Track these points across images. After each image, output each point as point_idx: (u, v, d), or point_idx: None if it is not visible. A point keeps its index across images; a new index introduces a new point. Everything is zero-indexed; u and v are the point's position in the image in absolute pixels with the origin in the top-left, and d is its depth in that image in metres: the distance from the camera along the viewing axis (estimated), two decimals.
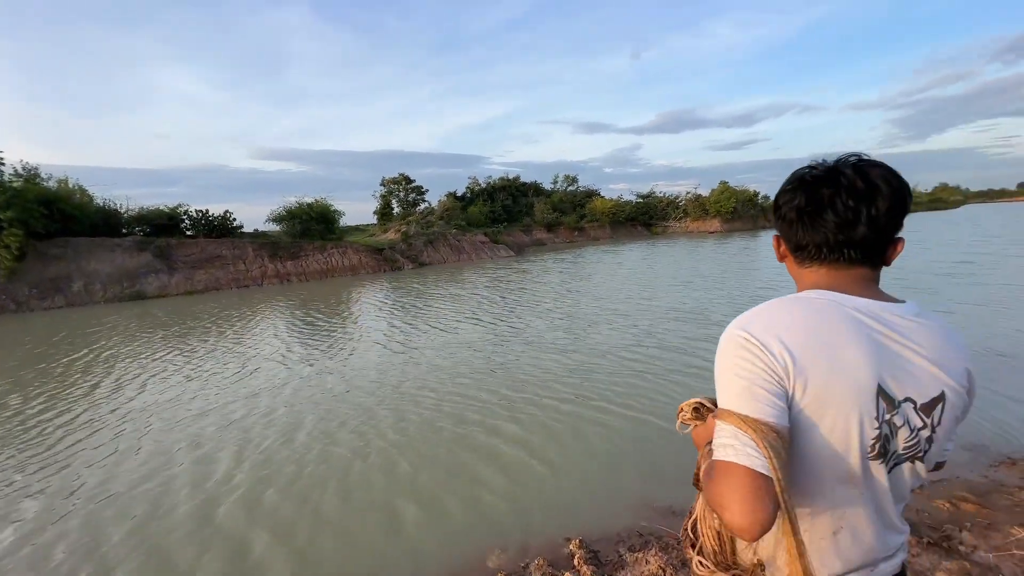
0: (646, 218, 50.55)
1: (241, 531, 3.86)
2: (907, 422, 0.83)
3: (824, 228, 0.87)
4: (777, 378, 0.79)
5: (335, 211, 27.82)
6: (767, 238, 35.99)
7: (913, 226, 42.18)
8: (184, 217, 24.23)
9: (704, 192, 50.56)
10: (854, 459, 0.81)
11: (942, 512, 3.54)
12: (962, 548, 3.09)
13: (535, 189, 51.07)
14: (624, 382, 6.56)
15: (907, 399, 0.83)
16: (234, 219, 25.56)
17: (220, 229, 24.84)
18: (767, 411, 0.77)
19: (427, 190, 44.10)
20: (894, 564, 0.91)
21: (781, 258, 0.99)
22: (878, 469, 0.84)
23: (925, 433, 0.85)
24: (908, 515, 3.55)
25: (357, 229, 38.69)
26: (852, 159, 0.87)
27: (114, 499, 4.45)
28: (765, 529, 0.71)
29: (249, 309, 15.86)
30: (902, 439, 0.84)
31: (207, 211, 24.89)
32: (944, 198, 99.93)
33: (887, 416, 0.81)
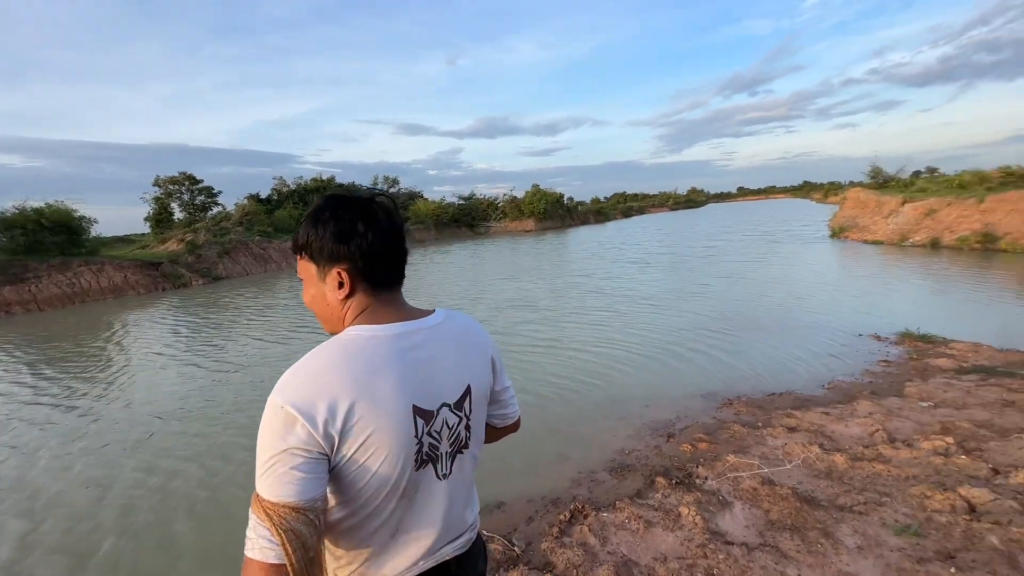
0: (469, 219, 52.33)
1: None
2: (445, 424, 0.93)
3: (371, 258, 0.91)
4: (316, 447, 0.79)
5: (82, 218, 21.70)
6: (575, 234, 40.75)
7: (683, 220, 52.96)
8: None
9: (519, 194, 54.71)
10: (403, 476, 0.88)
11: (685, 454, 4.36)
12: (697, 481, 3.82)
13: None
14: None
15: (443, 405, 0.92)
16: None
17: None
18: (291, 490, 0.76)
19: (219, 192, 37.93)
20: (467, 539, 1.03)
21: (311, 302, 0.98)
22: (428, 473, 0.93)
23: (463, 425, 0.97)
24: (666, 462, 4.28)
25: (125, 240, 31.10)
26: (377, 192, 0.97)
27: None
28: None
29: None
30: (446, 439, 0.94)
31: None
32: (695, 198, 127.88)
33: (427, 429, 0.90)
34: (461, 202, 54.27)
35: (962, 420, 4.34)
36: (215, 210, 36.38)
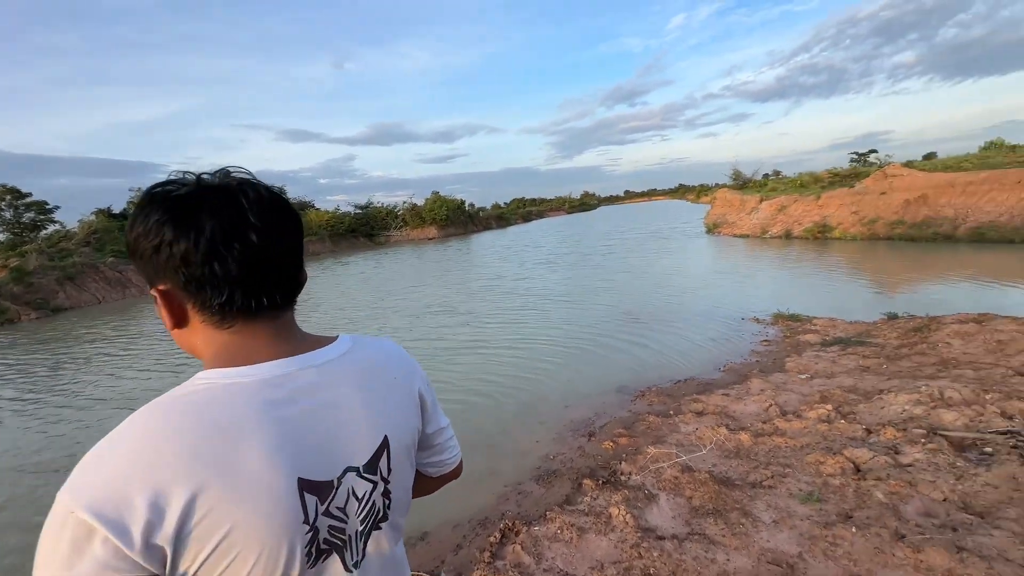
0: (367, 229, 50.04)
1: None
2: (352, 495, 0.68)
3: (227, 272, 0.61)
4: (130, 570, 0.52)
5: None
6: (479, 240, 40.85)
7: (580, 222, 55.71)
8: None
9: (419, 202, 53.59)
10: None
11: (608, 451, 4.38)
12: (623, 478, 3.83)
13: None
14: None
15: (347, 470, 0.67)
16: None
17: None
18: None
19: (56, 207, 31.89)
20: None
21: (174, 325, 0.66)
22: (331, 568, 0.66)
23: (378, 492, 0.72)
24: (590, 462, 4.26)
25: None
26: (234, 174, 0.66)
27: None
28: None
29: None
30: (355, 515, 0.68)
31: None
32: (588, 202, 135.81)
33: (323, 508, 0.64)
34: (358, 211, 51.73)
35: (834, 388, 4.91)
36: (50, 228, 30.48)
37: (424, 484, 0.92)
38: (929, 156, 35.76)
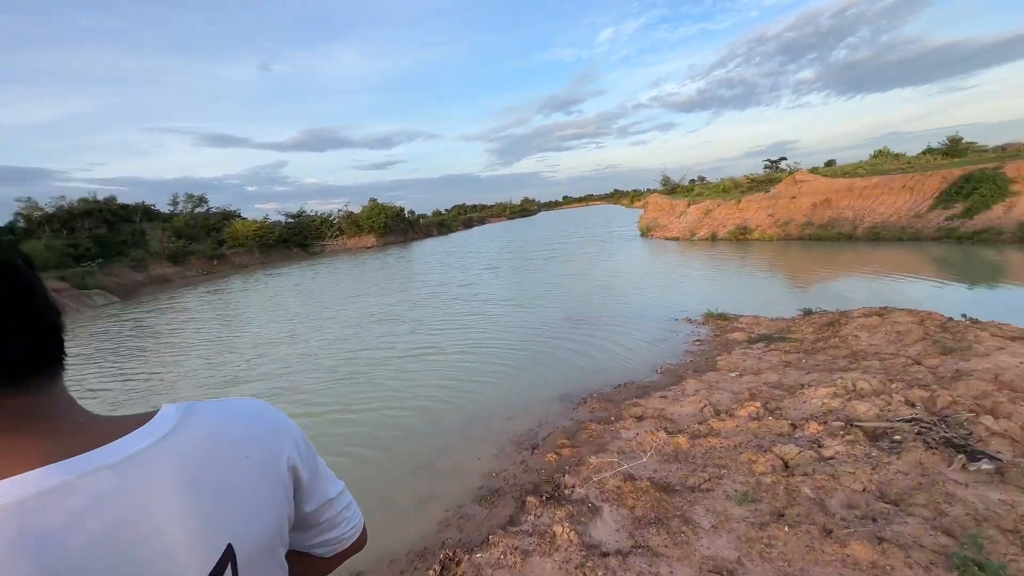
0: (300, 239, 47.59)
1: None
2: None
3: None
4: None
5: None
6: (420, 247, 40.03)
7: (521, 227, 56.10)
8: None
9: (356, 209, 51.74)
10: None
11: (551, 464, 4.28)
12: (566, 491, 3.74)
13: (146, 212, 40.14)
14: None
15: None
16: None
17: None
18: None
19: None
20: None
21: None
22: None
23: None
24: (534, 477, 4.14)
25: None
26: None
27: None
28: None
29: None
30: None
31: None
32: (528, 207, 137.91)
33: None
34: (289, 220, 49.06)
35: (761, 384, 5.13)
36: None
37: (314, 567, 0.73)
38: (830, 163, 39.51)
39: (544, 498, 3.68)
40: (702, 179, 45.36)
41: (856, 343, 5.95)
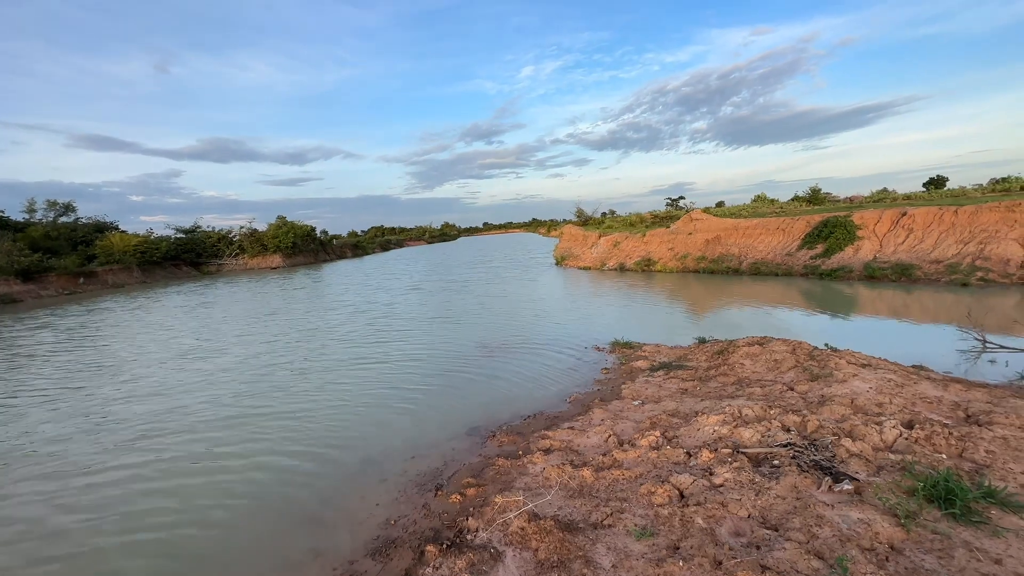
0: (193, 256, 42.99)
1: None
2: None
3: None
4: None
5: None
6: (333, 269, 37.87)
7: (441, 251, 55.45)
8: None
9: (261, 227, 48.07)
10: None
11: (455, 506, 4.04)
12: (469, 537, 3.52)
13: None
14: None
15: None
16: None
17: None
18: None
19: None
20: None
21: None
22: None
23: None
24: (435, 522, 3.86)
25: None
26: None
27: None
28: None
29: None
30: None
31: None
32: (448, 232, 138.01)
33: None
34: (180, 235, 44.20)
35: (660, 412, 5.35)
36: None
37: None
38: (720, 204, 44.40)
39: (445, 546, 3.43)
40: (613, 212, 48.54)
41: (742, 370, 6.47)
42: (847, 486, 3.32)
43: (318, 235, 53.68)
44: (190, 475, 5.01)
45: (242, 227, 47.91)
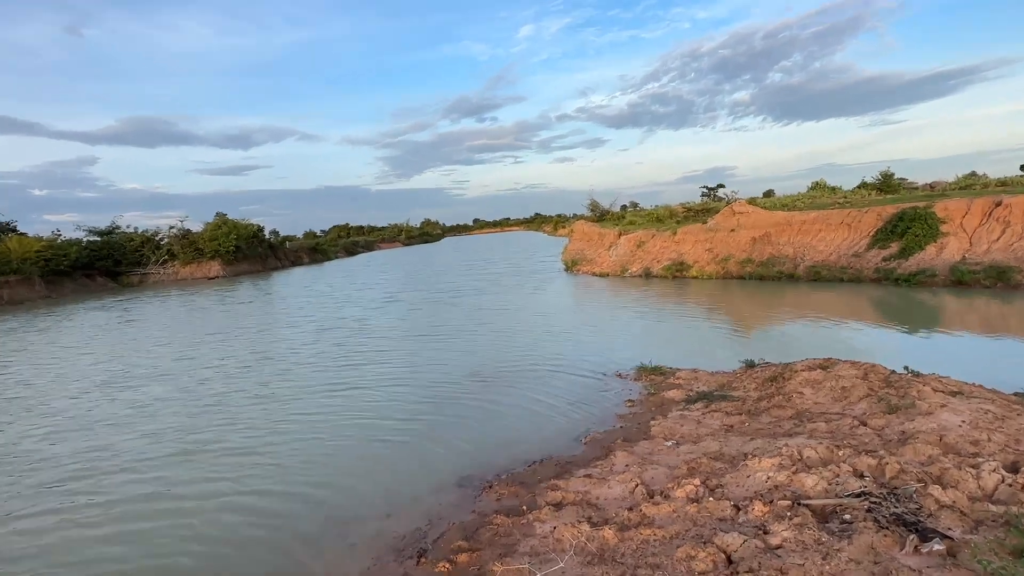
0: (111, 264, 43.04)
1: None
2: None
3: None
4: None
5: None
6: (283, 279, 37.95)
7: (422, 255, 55.59)
8: None
9: (196, 227, 48.22)
10: None
11: None
12: None
13: None
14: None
15: None
16: None
17: None
18: None
19: None
20: None
21: None
22: None
23: None
24: None
25: None
26: None
27: None
28: None
29: None
30: None
31: None
32: (430, 231, 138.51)
33: None
34: (95, 238, 44.30)
35: (700, 455, 5.33)
36: None
37: None
38: (768, 193, 44.68)
39: None
40: (635, 205, 48.83)
41: (801, 401, 6.46)
42: (938, 546, 3.30)
43: (267, 236, 53.87)
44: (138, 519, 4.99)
45: (172, 227, 48.04)
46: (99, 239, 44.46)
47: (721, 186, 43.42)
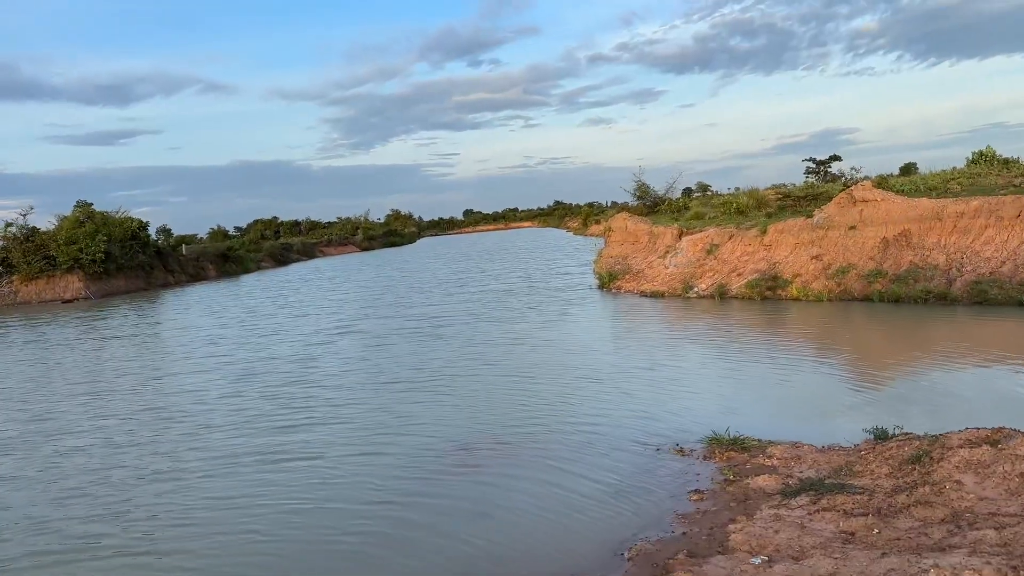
0: None
1: None
2: None
3: None
4: None
5: None
6: (179, 300, 38.20)
7: (389, 265, 55.83)
8: None
9: (48, 222, 48.77)
10: None
11: None
12: None
13: None
14: None
15: None
16: None
17: None
18: None
19: None
20: None
21: None
22: None
23: None
24: None
25: None
26: None
27: None
28: None
29: None
30: None
31: None
32: (400, 230, 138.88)
33: None
34: None
35: None
36: None
37: None
38: (907, 169, 44.55)
39: None
40: (704, 189, 49.10)
41: (958, 497, 6.35)
42: None
43: (154, 238, 54.34)
44: None
45: (10, 225, 48.51)
46: None
47: (836, 158, 43.49)
